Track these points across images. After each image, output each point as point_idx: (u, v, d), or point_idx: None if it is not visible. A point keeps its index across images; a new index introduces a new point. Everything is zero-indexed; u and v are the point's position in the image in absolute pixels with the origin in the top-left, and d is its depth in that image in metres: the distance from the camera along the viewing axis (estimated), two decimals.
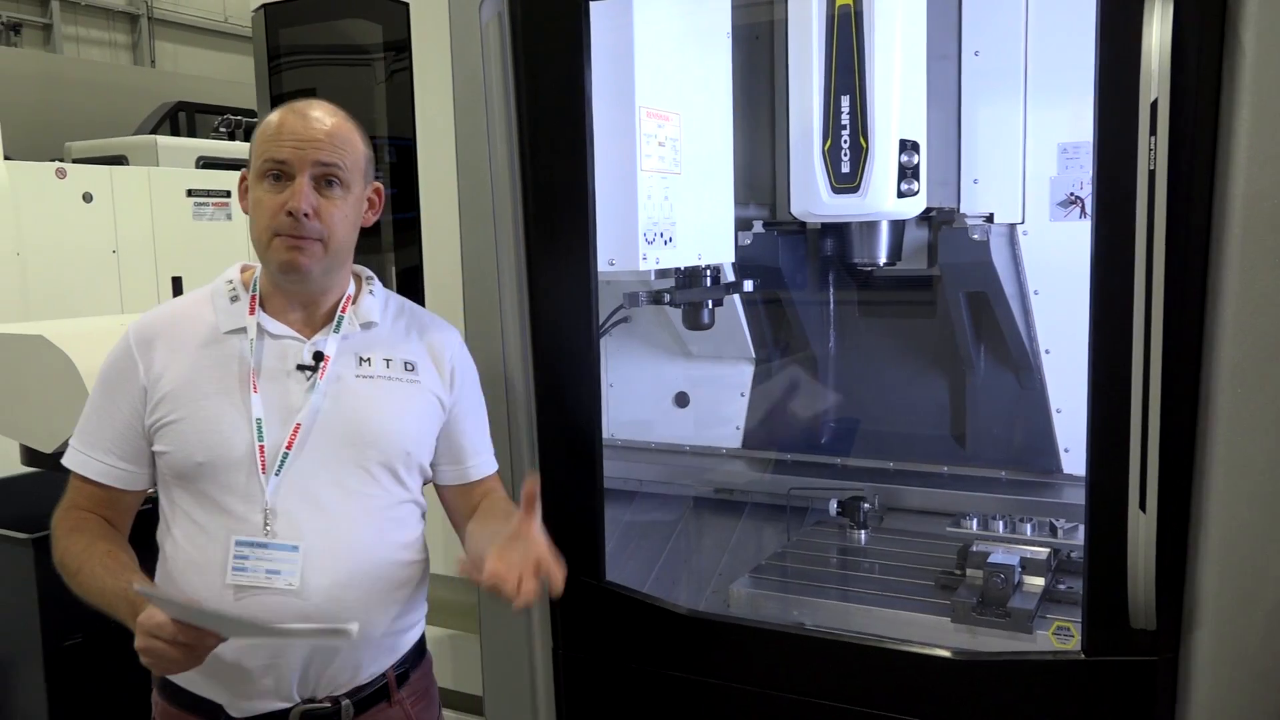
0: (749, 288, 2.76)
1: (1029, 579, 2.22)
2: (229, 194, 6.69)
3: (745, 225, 2.78)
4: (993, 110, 2.47)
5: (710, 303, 2.65)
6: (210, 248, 6.58)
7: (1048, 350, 2.52)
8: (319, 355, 1.71)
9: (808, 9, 2.21)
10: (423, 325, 1.87)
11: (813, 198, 2.25)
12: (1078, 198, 2.41)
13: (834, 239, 2.63)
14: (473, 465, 1.90)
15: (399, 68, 2.45)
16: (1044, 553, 2.25)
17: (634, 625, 2.19)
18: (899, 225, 2.49)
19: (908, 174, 2.21)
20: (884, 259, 2.48)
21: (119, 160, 6.99)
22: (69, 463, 1.73)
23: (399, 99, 2.47)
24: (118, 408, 1.70)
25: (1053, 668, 1.85)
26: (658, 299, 2.51)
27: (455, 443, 1.87)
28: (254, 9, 2.65)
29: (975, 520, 2.44)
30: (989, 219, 2.48)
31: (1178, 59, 1.57)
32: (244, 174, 1.71)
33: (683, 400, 3.08)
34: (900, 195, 2.21)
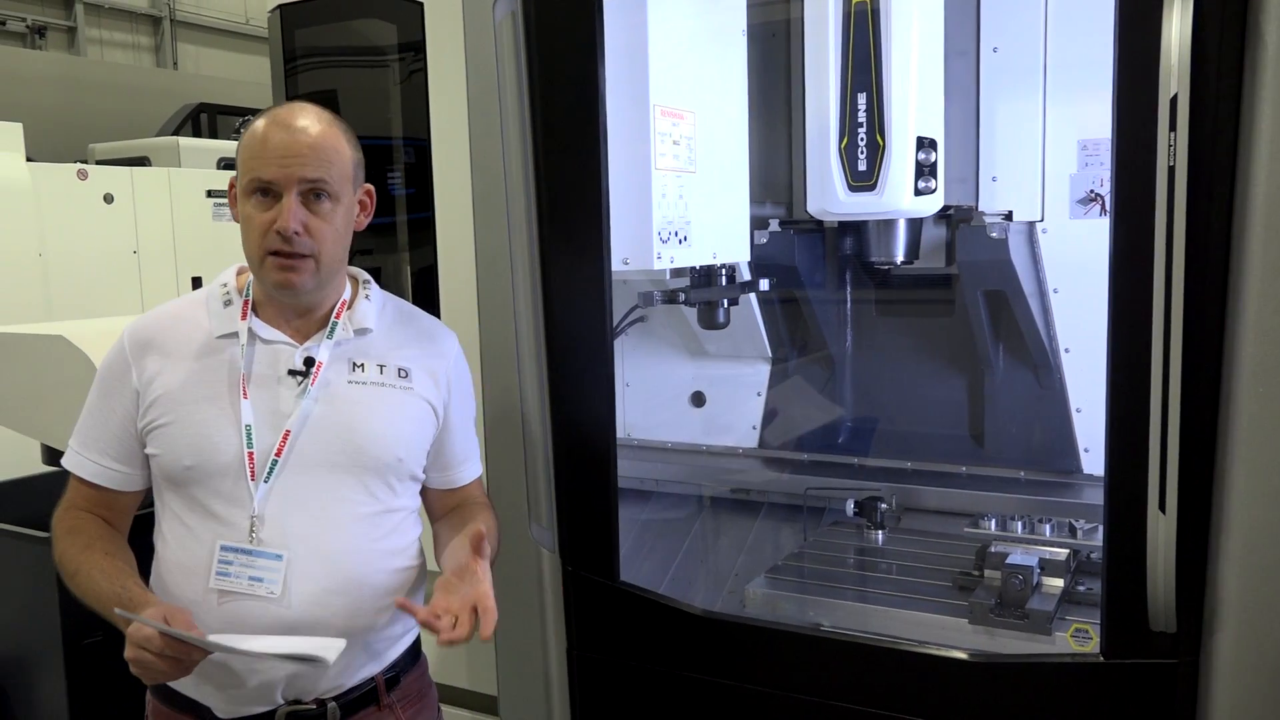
0: (765, 287, 2.74)
1: (1048, 580, 2.19)
2: None
3: (761, 224, 2.77)
4: (1012, 107, 2.45)
5: (726, 302, 2.63)
6: (230, 248, 6.57)
7: (1067, 349, 2.49)
8: (310, 361, 1.70)
9: (824, 6, 2.19)
10: (420, 331, 1.86)
11: (829, 196, 2.23)
12: (1098, 195, 2.38)
13: (851, 237, 2.62)
14: (458, 473, 1.90)
15: (416, 68, 2.45)
16: (1063, 554, 2.23)
17: (648, 625, 2.19)
18: (916, 223, 2.47)
19: (925, 172, 2.19)
20: (901, 257, 2.46)
21: (141, 161, 7.04)
22: (66, 463, 1.75)
23: (416, 100, 2.47)
24: (112, 410, 1.71)
25: (1071, 670, 1.83)
26: (673, 298, 2.50)
27: (444, 450, 1.86)
28: (270, 9, 2.66)
29: (993, 521, 2.41)
30: (1008, 217, 2.46)
31: (1198, 53, 1.55)
32: (233, 181, 1.70)
33: (699, 400, 3.07)
34: (917, 193, 2.19)
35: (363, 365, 1.74)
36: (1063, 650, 2.04)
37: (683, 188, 2.33)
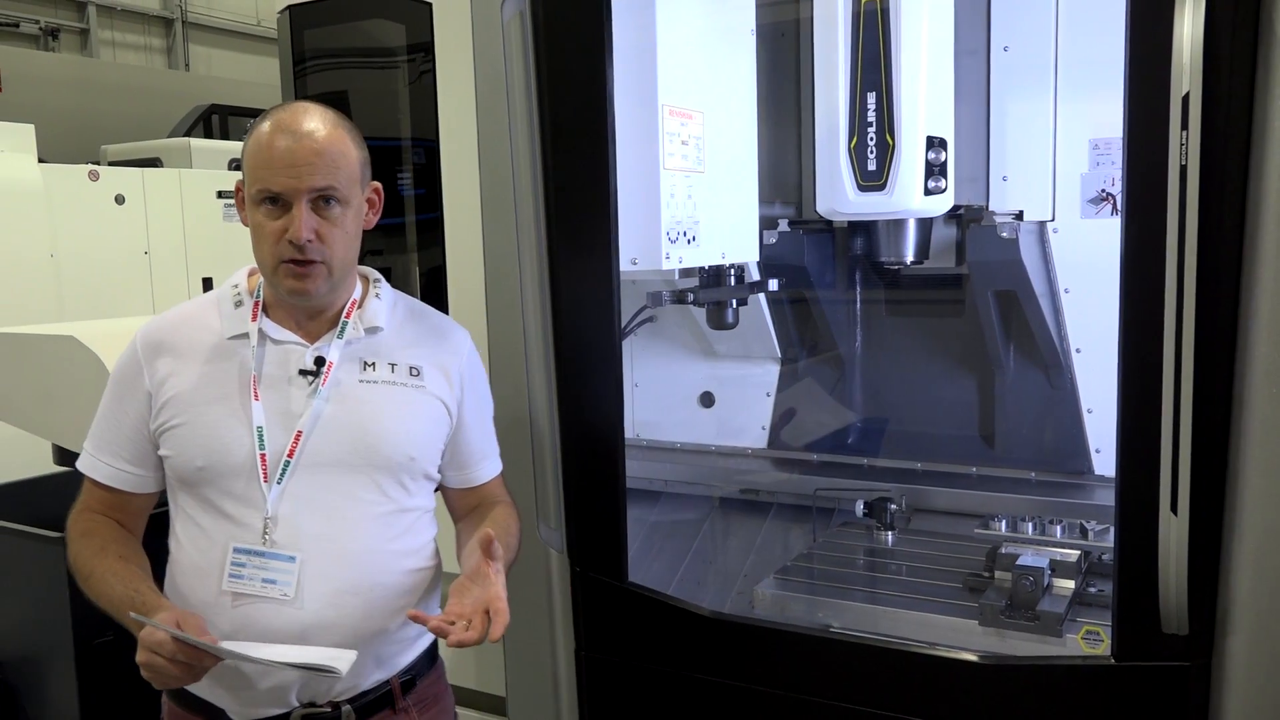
0: (774, 287, 2.74)
1: (1058, 582, 2.18)
2: None
3: (771, 224, 2.76)
4: (1022, 106, 2.43)
5: (735, 302, 2.63)
6: (240, 249, 6.61)
7: (1078, 349, 2.48)
8: (321, 360, 1.70)
9: (833, 5, 2.18)
10: (431, 328, 1.85)
11: (838, 196, 2.23)
12: (1109, 194, 2.37)
13: (860, 237, 2.61)
14: (476, 471, 1.89)
15: (426, 69, 2.45)
16: (1074, 555, 2.21)
17: (657, 626, 2.18)
18: (926, 223, 2.46)
19: (935, 171, 2.18)
20: (911, 257, 2.45)
21: (153, 163, 7.07)
22: (81, 465, 1.75)
23: (425, 101, 2.47)
24: (125, 412, 1.71)
25: (1082, 673, 1.82)
26: (681, 298, 2.50)
27: (460, 449, 1.85)
28: (279, 10, 2.67)
29: (1004, 522, 2.40)
30: (1018, 216, 2.44)
31: (1210, 50, 1.53)
32: (239, 184, 1.69)
33: (708, 400, 3.07)
34: (927, 193, 2.19)
35: (374, 364, 1.74)
36: (1074, 652, 2.02)
37: (691, 188, 2.32)
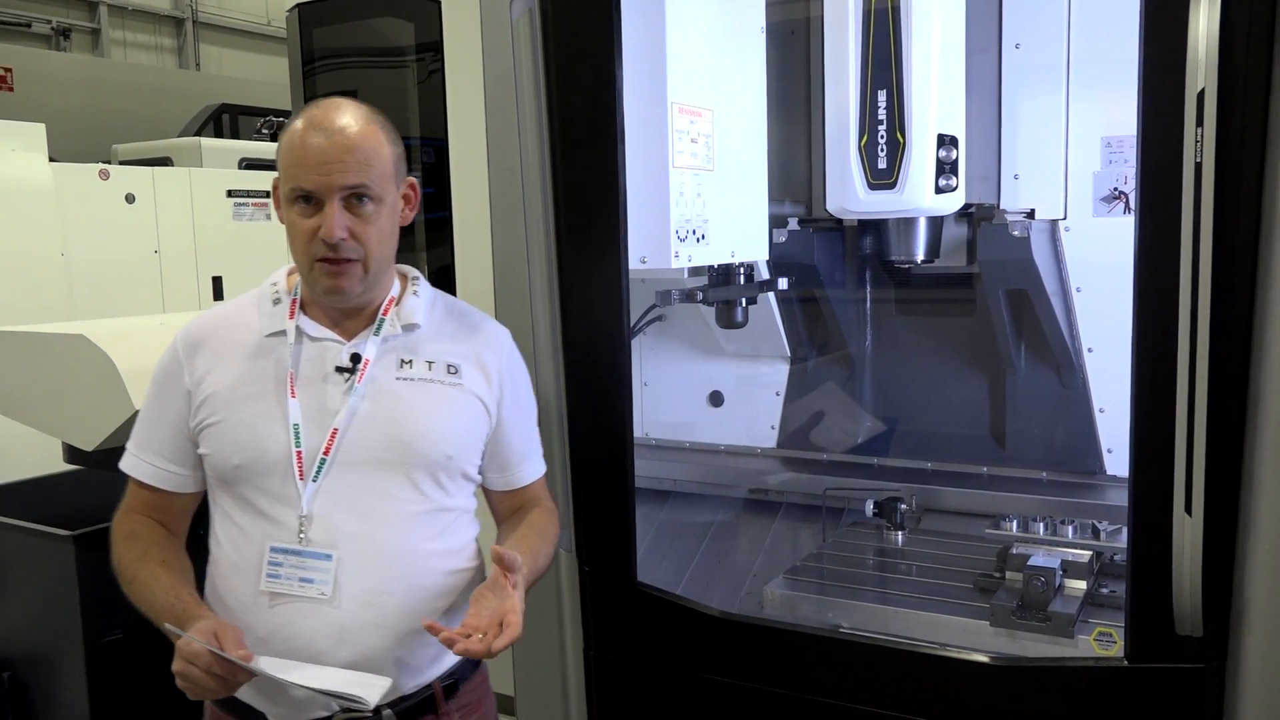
0: (784, 286, 2.73)
1: (1070, 582, 2.17)
2: (268, 194, 6.74)
3: (780, 222, 2.75)
4: (1034, 104, 2.42)
5: (744, 301, 2.62)
6: (250, 248, 6.65)
7: (1090, 348, 2.47)
8: (357, 357, 1.69)
9: (844, 3, 2.17)
10: (471, 326, 1.83)
11: (849, 194, 2.22)
12: (1122, 193, 2.36)
13: (871, 236, 2.60)
14: (517, 473, 1.86)
15: (435, 68, 2.45)
16: (1086, 556, 2.20)
17: (666, 626, 2.18)
18: (937, 222, 2.45)
19: (946, 169, 2.17)
20: (922, 256, 2.44)
21: (164, 162, 7.09)
22: (124, 466, 1.75)
23: (434, 100, 2.46)
24: (166, 411, 1.72)
25: (1094, 674, 1.81)
26: (691, 297, 2.49)
27: (501, 449, 1.82)
28: (288, 9, 2.67)
29: (1015, 522, 2.39)
30: (1030, 215, 2.44)
31: (1226, 46, 1.52)
32: (276, 181, 1.68)
33: (718, 399, 3.06)
34: (938, 191, 2.18)
35: (411, 361, 1.72)
36: (1086, 654, 2.01)
37: (701, 186, 2.32)
